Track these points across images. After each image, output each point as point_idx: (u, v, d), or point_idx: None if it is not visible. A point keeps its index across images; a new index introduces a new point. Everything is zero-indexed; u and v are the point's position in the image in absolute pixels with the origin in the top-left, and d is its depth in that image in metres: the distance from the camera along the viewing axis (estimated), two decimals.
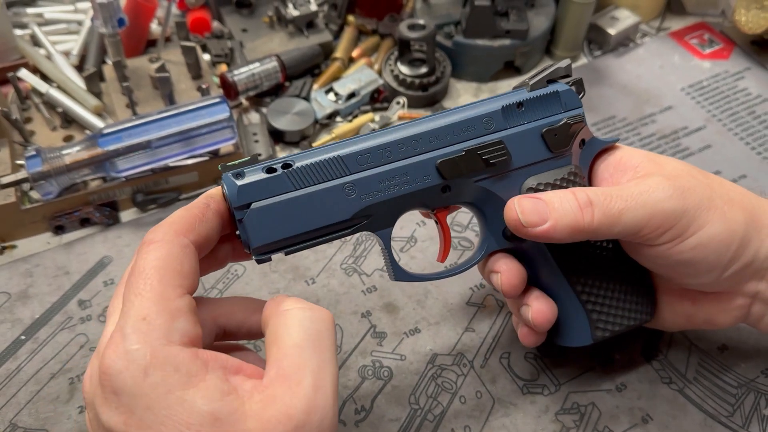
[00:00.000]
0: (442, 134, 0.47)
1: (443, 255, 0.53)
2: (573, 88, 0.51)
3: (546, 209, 0.46)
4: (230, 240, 0.47)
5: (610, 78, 0.85)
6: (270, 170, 0.44)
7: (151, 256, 0.40)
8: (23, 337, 0.61)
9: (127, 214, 0.72)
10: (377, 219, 0.47)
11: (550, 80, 0.51)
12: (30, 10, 0.88)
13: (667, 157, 0.51)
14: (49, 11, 0.88)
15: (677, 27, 0.92)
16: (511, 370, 0.59)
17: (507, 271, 0.51)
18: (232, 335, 0.47)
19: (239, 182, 0.43)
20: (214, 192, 0.45)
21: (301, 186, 0.44)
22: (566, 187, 0.49)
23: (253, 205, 0.43)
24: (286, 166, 0.44)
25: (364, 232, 0.47)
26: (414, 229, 0.69)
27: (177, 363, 0.36)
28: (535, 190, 0.49)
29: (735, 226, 0.47)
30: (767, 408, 0.57)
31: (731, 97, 0.83)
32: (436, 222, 0.52)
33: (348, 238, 0.68)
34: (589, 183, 0.52)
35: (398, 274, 0.50)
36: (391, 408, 0.57)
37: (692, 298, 0.53)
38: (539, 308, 0.51)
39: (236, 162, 0.44)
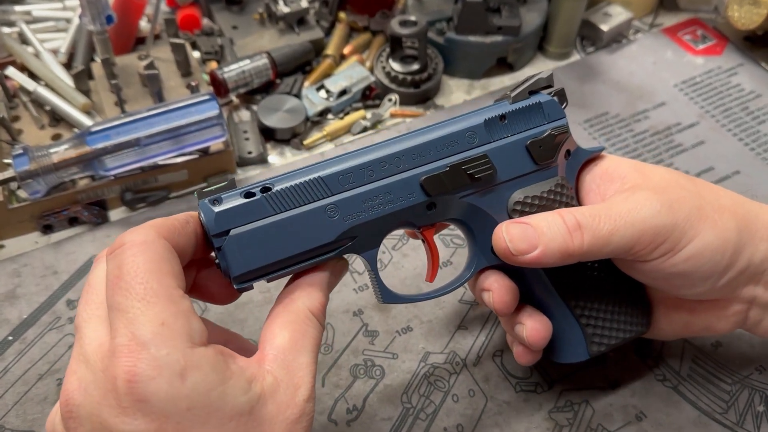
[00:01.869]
0: (426, 150, 0.46)
1: (432, 275, 0.52)
2: (555, 98, 0.50)
3: (535, 235, 0.46)
4: (193, 268, 0.45)
5: (602, 74, 0.85)
6: (248, 195, 0.42)
7: (140, 258, 0.38)
8: (11, 338, 0.60)
9: (115, 213, 0.71)
10: (362, 240, 0.45)
11: (532, 91, 0.50)
12: (18, 8, 0.87)
13: (653, 166, 0.50)
14: (37, 9, 0.87)
15: (670, 23, 0.92)
16: (504, 369, 0.59)
17: (498, 289, 0.50)
18: None
19: (216, 209, 0.41)
20: (195, 214, 0.43)
21: (282, 209, 0.42)
22: (554, 200, 0.49)
23: (232, 232, 0.41)
24: (265, 189, 0.42)
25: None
26: None
27: (211, 361, 0.37)
28: (522, 203, 0.48)
29: (727, 233, 0.46)
30: (761, 404, 0.57)
31: (724, 93, 0.83)
32: (423, 241, 0.51)
33: None
34: (576, 194, 0.51)
35: (386, 295, 0.49)
36: (384, 407, 0.56)
37: (689, 308, 0.52)
38: (533, 326, 0.50)
39: (212, 188, 0.42)
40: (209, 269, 0.46)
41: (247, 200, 0.42)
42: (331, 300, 0.62)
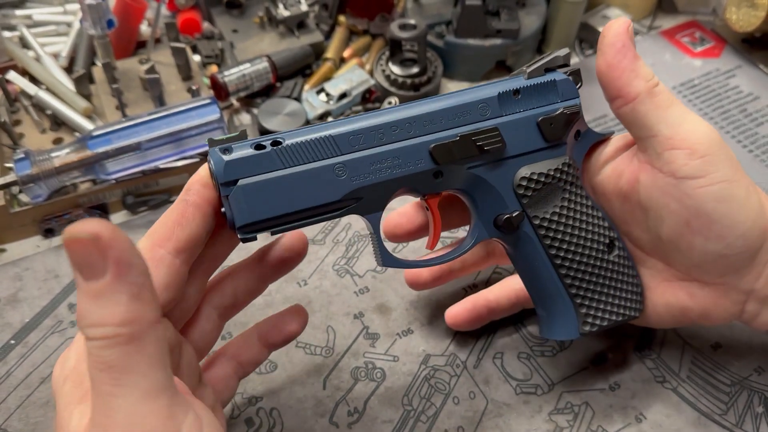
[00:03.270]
0: (437, 118, 0.46)
1: (433, 242, 0.52)
2: (570, 78, 0.50)
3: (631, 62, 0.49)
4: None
5: None
6: (259, 147, 0.43)
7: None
8: (13, 342, 0.61)
9: (117, 217, 0.71)
10: (367, 202, 0.46)
11: (548, 69, 0.50)
12: (18, 12, 0.88)
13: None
14: (38, 13, 0.88)
15: (668, 25, 0.93)
16: (504, 371, 0.59)
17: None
18: None
19: (226, 157, 0.42)
20: (192, 183, 0.43)
21: (291, 164, 0.43)
22: (560, 179, 0.49)
23: (240, 182, 0.42)
24: (276, 143, 0.43)
25: (355, 231, 0.47)
26: None
27: (83, 379, 0.38)
28: (528, 179, 0.48)
29: (753, 204, 0.47)
30: (760, 406, 0.57)
31: (723, 95, 0.83)
32: (426, 208, 0.51)
33: (340, 239, 0.68)
34: (584, 177, 0.52)
35: (386, 259, 0.49)
36: (384, 409, 0.57)
37: (688, 291, 0.52)
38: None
39: (224, 137, 0.43)
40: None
41: (257, 152, 0.42)
42: (331, 303, 0.63)
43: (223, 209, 0.43)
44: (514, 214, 0.49)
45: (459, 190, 0.49)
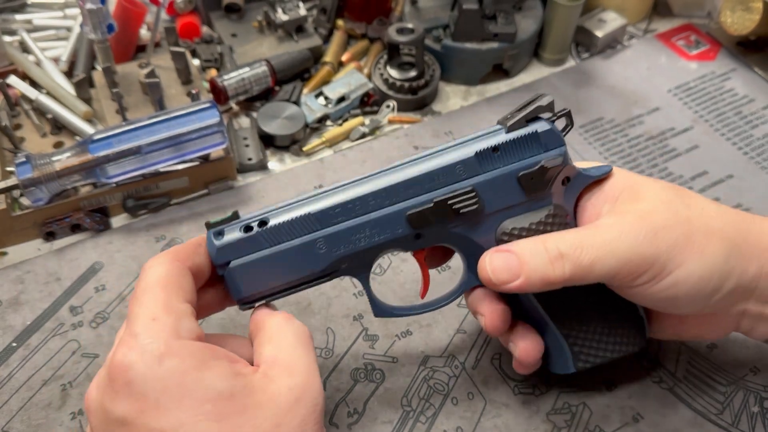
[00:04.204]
0: (413, 184, 0.47)
1: (423, 291, 0.54)
2: (554, 125, 0.48)
3: (517, 264, 0.46)
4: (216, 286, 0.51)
5: (597, 80, 0.86)
6: (247, 228, 0.47)
7: (151, 274, 0.44)
8: (15, 344, 0.61)
9: (117, 220, 0.72)
10: (352, 266, 0.49)
11: (530, 119, 0.48)
12: (19, 17, 0.88)
13: (650, 184, 0.49)
14: (38, 17, 0.88)
15: (664, 28, 0.93)
16: (503, 371, 0.59)
17: (490, 314, 0.51)
18: None
19: (218, 243, 0.46)
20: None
21: (275, 243, 0.47)
22: (542, 231, 0.48)
23: (232, 263, 0.47)
24: (262, 223, 0.47)
25: None
26: None
27: (190, 350, 0.41)
28: (510, 234, 0.48)
29: (713, 260, 0.46)
30: (756, 405, 0.58)
31: (718, 97, 0.84)
32: (416, 260, 0.53)
33: None
34: (574, 213, 0.51)
35: (378, 311, 0.52)
36: (384, 410, 0.57)
37: (679, 319, 0.53)
38: (524, 347, 0.52)
39: (219, 219, 0.47)
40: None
41: (245, 235, 0.46)
42: (330, 305, 0.64)
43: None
44: None
45: (444, 245, 0.51)
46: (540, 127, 0.48)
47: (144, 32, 0.87)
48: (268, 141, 0.78)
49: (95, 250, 0.68)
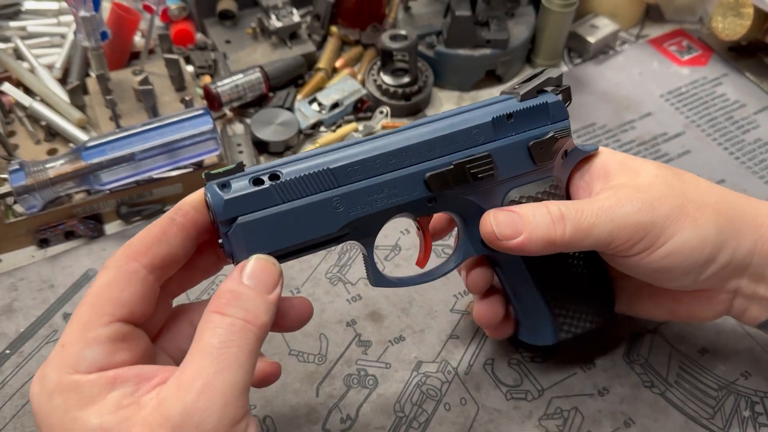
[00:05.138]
0: (432, 146, 0.46)
1: (423, 260, 0.53)
2: (560, 97, 0.50)
3: (520, 222, 0.47)
4: (213, 247, 0.47)
5: (590, 85, 0.87)
6: (257, 181, 0.42)
7: (96, 282, 0.41)
8: (8, 351, 0.61)
9: (111, 227, 0.72)
10: (362, 230, 0.46)
11: (540, 90, 0.50)
12: (13, 24, 0.88)
13: (641, 162, 0.51)
14: (32, 25, 0.88)
15: (656, 34, 0.94)
16: (495, 377, 0.60)
17: (473, 275, 0.54)
18: None
19: (226, 195, 0.41)
20: (184, 203, 0.44)
21: (289, 199, 0.42)
22: (546, 201, 0.50)
23: (240, 219, 0.41)
24: (274, 177, 0.42)
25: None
26: (398, 237, 0.69)
27: (79, 387, 0.39)
28: (517, 202, 0.49)
29: (707, 231, 0.48)
30: (747, 410, 0.58)
31: (709, 103, 0.85)
32: (417, 228, 0.52)
33: (333, 247, 0.68)
34: (566, 189, 0.53)
35: (377, 279, 0.50)
36: (377, 416, 0.57)
37: (673, 296, 0.54)
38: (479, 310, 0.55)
39: (221, 170, 0.42)
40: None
41: (257, 188, 0.42)
42: (324, 310, 0.64)
43: (220, 241, 0.43)
44: None
45: (451, 211, 0.51)
46: (549, 98, 0.50)
47: (138, 39, 0.87)
48: (261, 147, 0.78)
49: (89, 257, 0.68)
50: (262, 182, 0.42)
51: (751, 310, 0.52)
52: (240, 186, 0.42)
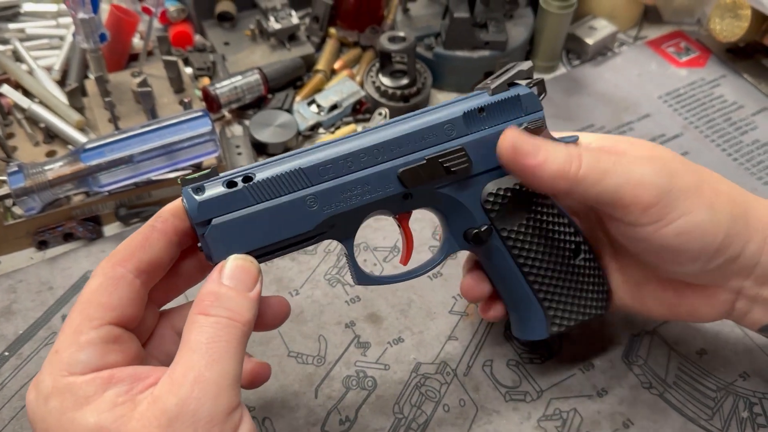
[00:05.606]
0: (404, 142, 0.47)
1: (406, 258, 0.53)
2: (535, 89, 0.50)
3: (541, 147, 0.46)
4: (195, 253, 0.48)
5: (588, 87, 0.87)
6: (230, 184, 0.43)
7: (85, 290, 0.43)
8: (7, 353, 0.61)
9: (110, 228, 0.72)
10: (340, 228, 0.47)
11: (511, 83, 0.50)
12: (11, 26, 0.88)
13: (655, 144, 0.51)
14: (31, 27, 0.88)
15: (654, 35, 0.94)
16: (494, 378, 0.60)
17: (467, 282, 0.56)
18: None
19: (199, 198, 0.43)
20: (163, 211, 0.45)
21: (262, 199, 0.44)
22: (525, 191, 0.50)
23: (214, 221, 0.43)
24: (247, 179, 0.44)
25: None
26: (396, 239, 0.69)
27: (75, 388, 0.39)
28: (495, 195, 0.49)
29: (721, 217, 0.47)
30: (745, 411, 0.58)
31: (707, 104, 0.85)
32: (398, 226, 0.52)
33: (332, 248, 0.68)
34: None
35: (360, 277, 0.50)
36: (376, 418, 0.57)
37: (675, 290, 0.52)
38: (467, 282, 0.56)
39: (196, 175, 0.43)
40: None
41: (229, 190, 0.43)
42: (322, 312, 0.64)
43: (199, 244, 0.44)
44: (482, 229, 0.50)
45: (430, 207, 0.51)
46: (521, 91, 0.50)
47: (136, 41, 0.87)
48: (260, 149, 0.78)
49: (88, 259, 0.68)
50: (235, 184, 0.43)
51: (753, 313, 0.51)
52: (213, 189, 0.43)
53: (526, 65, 0.51)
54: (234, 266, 0.43)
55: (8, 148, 0.73)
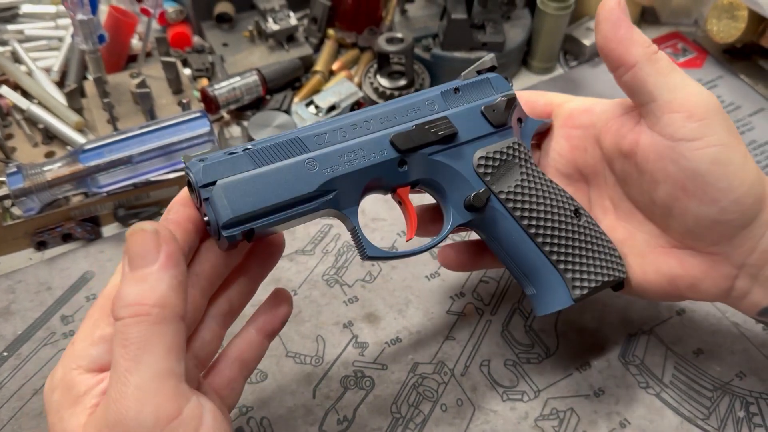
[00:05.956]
0: (391, 116, 0.50)
1: (410, 232, 0.53)
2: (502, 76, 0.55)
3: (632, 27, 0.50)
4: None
5: (586, 88, 0.87)
6: (231, 153, 0.45)
7: (108, 283, 0.43)
8: (6, 354, 0.61)
9: (108, 229, 0.72)
10: (341, 195, 0.48)
11: (479, 72, 0.55)
12: (10, 27, 0.88)
13: None
14: (30, 28, 0.88)
15: (652, 36, 0.94)
16: (491, 378, 0.60)
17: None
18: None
19: (203, 164, 0.44)
20: (173, 203, 0.45)
21: (264, 163, 0.45)
22: (513, 155, 0.53)
23: (219, 182, 0.44)
24: (246, 149, 0.46)
25: (344, 242, 0.48)
26: (395, 239, 0.70)
27: (72, 386, 0.40)
28: (486, 158, 0.52)
29: (751, 168, 0.48)
30: (742, 410, 0.58)
31: None
32: (398, 202, 0.53)
33: (329, 249, 0.69)
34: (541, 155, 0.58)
35: (369, 250, 0.50)
36: (374, 417, 0.57)
37: (680, 258, 0.51)
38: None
39: (198, 153, 0.45)
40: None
41: (231, 155, 0.45)
42: (320, 312, 0.64)
43: (206, 218, 0.44)
44: (480, 191, 0.51)
45: (427, 182, 0.51)
46: (490, 75, 0.55)
47: (135, 42, 0.87)
48: None
49: (86, 260, 0.68)
50: (235, 153, 0.45)
51: (753, 295, 0.50)
52: (215, 156, 0.45)
53: (488, 57, 0.55)
54: (126, 248, 0.39)
55: (7, 148, 0.73)
